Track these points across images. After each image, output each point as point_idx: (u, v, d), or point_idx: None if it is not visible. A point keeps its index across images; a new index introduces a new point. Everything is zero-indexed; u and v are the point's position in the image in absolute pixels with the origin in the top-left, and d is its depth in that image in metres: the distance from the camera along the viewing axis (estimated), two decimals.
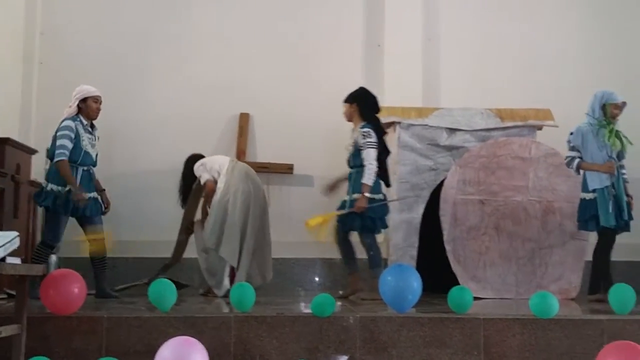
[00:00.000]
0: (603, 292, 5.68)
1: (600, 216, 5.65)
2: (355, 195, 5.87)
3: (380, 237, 7.17)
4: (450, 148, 6.64)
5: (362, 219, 5.89)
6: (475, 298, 5.41)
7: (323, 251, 6.73)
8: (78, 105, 5.59)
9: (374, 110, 6.05)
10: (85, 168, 5.60)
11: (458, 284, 5.60)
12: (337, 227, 6.03)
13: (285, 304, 5.53)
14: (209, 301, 5.69)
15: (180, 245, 6.59)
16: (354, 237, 6.12)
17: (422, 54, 7.63)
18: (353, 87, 7.54)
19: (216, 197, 6.13)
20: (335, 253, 6.33)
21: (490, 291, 6.18)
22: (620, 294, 4.53)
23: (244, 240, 6.07)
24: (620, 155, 5.80)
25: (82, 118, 5.60)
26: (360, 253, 6.14)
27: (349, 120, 6.13)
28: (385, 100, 7.37)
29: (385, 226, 6.12)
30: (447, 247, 6.24)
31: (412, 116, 6.68)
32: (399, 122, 6.65)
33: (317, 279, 7.25)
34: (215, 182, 6.21)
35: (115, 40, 7.55)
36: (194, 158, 6.48)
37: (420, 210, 6.58)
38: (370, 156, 5.82)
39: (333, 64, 7.64)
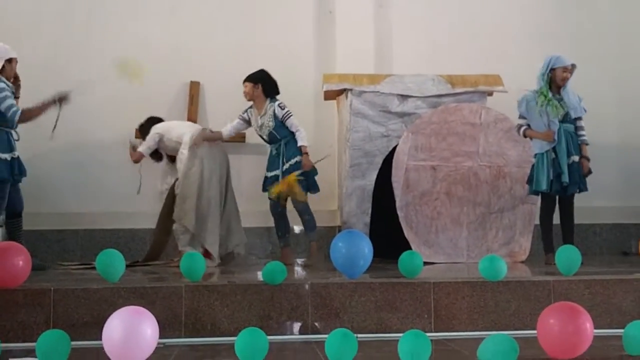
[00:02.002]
0: (545, 255, 5.87)
1: (533, 180, 5.83)
2: (294, 160, 6.07)
3: (333, 205, 7.22)
4: (402, 114, 6.64)
5: (307, 180, 6.10)
6: (428, 263, 5.49)
7: None
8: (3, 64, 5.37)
9: (275, 92, 6.27)
10: (10, 130, 5.43)
11: (411, 249, 5.65)
12: (274, 201, 6.17)
13: (237, 272, 5.52)
14: (160, 271, 5.63)
15: (157, 244, 6.41)
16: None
17: (374, 20, 7.60)
18: (305, 54, 7.58)
19: (182, 168, 6.11)
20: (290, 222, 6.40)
21: (442, 256, 6.25)
22: (566, 255, 4.62)
23: (211, 212, 6.07)
24: (567, 117, 5.80)
25: (3, 78, 5.39)
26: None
27: (250, 99, 6.27)
28: (337, 67, 7.37)
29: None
30: (400, 213, 6.27)
31: (364, 83, 6.65)
32: (351, 89, 6.62)
33: (270, 247, 7.24)
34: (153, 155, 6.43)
35: (56, 3, 7.33)
36: (153, 121, 6.50)
37: (372, 177, 6.60)
38: (295, 122, 6.14)
39: (284, 31, 7.56)
